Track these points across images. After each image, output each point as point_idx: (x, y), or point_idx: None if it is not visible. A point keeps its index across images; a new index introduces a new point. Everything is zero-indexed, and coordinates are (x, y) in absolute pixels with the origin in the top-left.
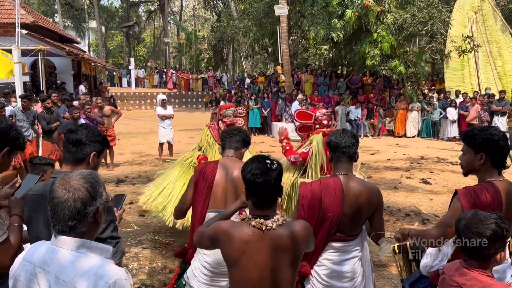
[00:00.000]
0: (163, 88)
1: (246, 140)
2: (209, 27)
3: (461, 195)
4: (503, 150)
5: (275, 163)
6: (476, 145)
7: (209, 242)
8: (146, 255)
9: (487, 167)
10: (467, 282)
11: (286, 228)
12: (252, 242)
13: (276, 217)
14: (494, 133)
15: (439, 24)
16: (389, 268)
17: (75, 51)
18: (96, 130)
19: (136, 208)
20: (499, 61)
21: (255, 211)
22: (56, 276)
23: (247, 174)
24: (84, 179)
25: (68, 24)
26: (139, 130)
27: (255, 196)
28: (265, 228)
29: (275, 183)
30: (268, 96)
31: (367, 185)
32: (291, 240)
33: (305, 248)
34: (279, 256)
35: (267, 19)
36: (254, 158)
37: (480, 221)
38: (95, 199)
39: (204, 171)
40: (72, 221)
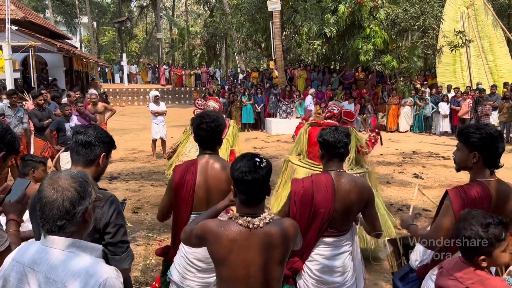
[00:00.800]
0: (156, 84)
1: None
2: (201, 22)
3: (452, 196)
4: (497, 150)
5: (264, 161)
6: (471, 143)
7: (197, 241)
8: (139, 252)
9: (479, 166)
10: (464, 276)
11: (273, 227)
12: (239, 241)
13: (263, 215)
14: (490, 133)
15: (431, 19)
16: (381, 262)
17: (66, 47)
18: (104, 131)
19: (129, 205)
20: (490, 56)
21: (242, 209)
22: (46, 276)
23: (236, 171)
24: (72, 178)
25: (59, 20)
26: (132, 126)
27: (243, 193)
28: (252, 226)
29: (263, 181)
30: (261, 92)
31: (358, 181)
32: (278, 238)
33: (293, 246)
34: (266, 254)
35: (260, 15)
36: (243, 155)
37: (472, 222)
38: (84, 199)
39: (184, 174)
40: (61, 220)
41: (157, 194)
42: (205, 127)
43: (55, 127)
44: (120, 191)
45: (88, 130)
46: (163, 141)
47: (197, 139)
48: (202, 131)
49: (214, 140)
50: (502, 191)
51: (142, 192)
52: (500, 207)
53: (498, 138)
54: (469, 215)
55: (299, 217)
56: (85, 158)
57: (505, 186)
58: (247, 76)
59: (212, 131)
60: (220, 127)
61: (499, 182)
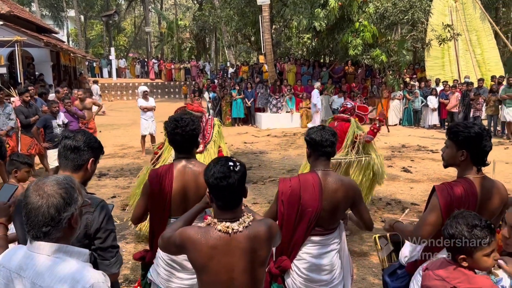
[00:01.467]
0: (145, 78)
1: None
2: (191, 15)
3: (438, 192)
4: (484, 149)
5: (238, 164)
6: (459, 141)
7: (175, 249)
8: (129, 249)
9: (467, 163)
10: (450, 275)
11: (253, 229)
12: (220, 247)
13: (242, 219)
14: (478, 132)
15: (419, 13)
16: (369, 257)
17: (53, 42)
18: (93, 136)
19: (118, 202)
20: (478, 49)
21: (220, 215)
22: (33, 282)
23: (210, 177)
24: (58, 184)
25: (46, 14)
26: (121, 121)
27: (220, 199)
28: (231, 231)
29: (239, 185)
30: (251, 87)
31: (344, 180)
32: (258, 241)
33: (273, 246)
34: (248, 257)
35: (249, 8)
36: (216, 160)
37: (459, 221)
38: (69, 205)
39: (160, 179)
40: (46, 227)
41: None
42: (180, 131)
43: (42, 124)
44: (109, 188)
45: (77, 135)
46: (152, 137)
47: (172, 144)
48: (177, 135)
49: (190, 144)
50: (488, 188)
51: (131, 188)
52: (486, 203)
53: (486, 137)
54: (460, 214)
55: (286, 217)
56: (74, 163)
57: (490, 183)
58: (237, 70)
59: (188, 135)
60: (196, 130)
61: (485, 179)
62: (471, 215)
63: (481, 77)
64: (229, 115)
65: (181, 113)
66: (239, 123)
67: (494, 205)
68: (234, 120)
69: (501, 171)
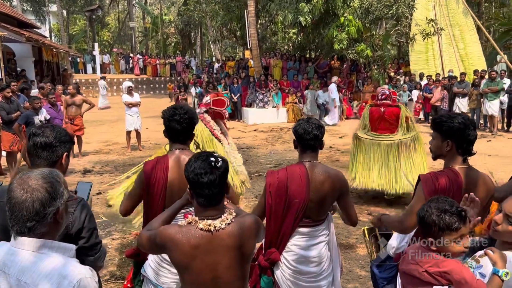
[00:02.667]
0: (130, 74)
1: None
2: (175, 10)
3: (423, 182)
4: (468, 138)
5: (219, 160)
6: (443, 132)
7: (155, 248)
8: (115, 246)
9: (453, 154)
10: (423, 260)
11: (235, 226)
12: (202, 245)
13: (224, 216)
14: (461, 122)
15: (404, 8)
16: (356, 250)
17: (35, 37)
18: (62, 129)
19: (104, 199)
20: (461, 43)
21: (201, 212)
22: (18, 279)
23: (191, 173)
24: (43, 178)
25: (27, 8)
26: (105, 117)
27: (201, 196)
28: (214, 229)
29: (220, 181)
30: (237, 82)
31: (331, 171)
32: (242, 238)
33: (256, 242)
34: (231, 255)
35: (235, 3)
36: (197, 156)
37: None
38: (55, 200)
39: (155, 171)
40: (31, 222)
41: None
42: (178, 118)
43: (24, 120)
44: (94, 184)
45: (46, 131)
46: (137, 133)
47: (169, 132)
48: (175, 122)
49: (186, 133)
50: (473, 178)
51: (117, 185)
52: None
53: (469, 126)
54: (434, 199)
55: (274, 208)
56: (47, 161)
57: (475, 173)
58: (223, 65)
59: (186, 123)
60: (193, 120)
61: (470, 169)
62: (445, 200)
63: (464, 71)
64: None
65: (180, 104)
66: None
67: (480, 196)
68: None
69: (484, 163)
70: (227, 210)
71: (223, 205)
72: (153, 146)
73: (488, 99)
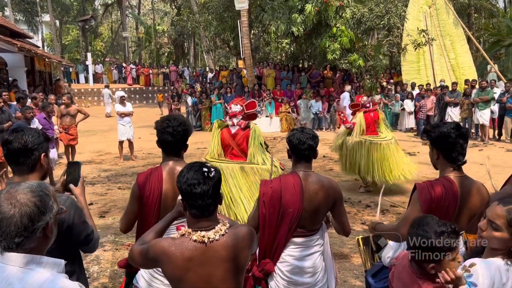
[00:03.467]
0: (123, 84)
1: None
2: (169, 21)
3: (419, 190)
4: (454, 147)
5: (212, 170)
6: (431, 141)
7: (148, 263)
8: (107, 257)
9: (442, 162)
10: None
11: (229, 237)
12: (196, 258)
13: (218, 227)
14: (444, 131)
15: (395, 18)
16: (350, 259)
17: (27, 47)
18: (34, 130)
19: (96, 209)
20: (452, 53)
21: (194, 224)
22: None
23: (183, 184)
24: (32, 192)
25: (20, 18)
26: (98, 127)
27: (194, 207)
28: (207, 240)
29: (213, 192)
30: (231, 91)
31: (325, 180)
32: (236, 249)
33: (250, 253)
34: (225, 266)
35: (228, 13)
36: (190, 166)
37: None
38: (44, 214)
39: (148, 183)
40: (19, 237)
41: (125, 197)
42: (171, 131)
43: None
44: (86, 195)
45: (18, 136)
46: (130, 143)
47: (162, 144)
48: (168, 135)
49: (180, 145)
50: (468, 187)
51: (109, 195)
52: (466, 203)
53: (453, 135)
54: (423, 221)
55: (268, 218)
56: (28, 166)
57: (470, 182)
58: (216, 75)
59: (179, 135)
60: (187, 131)
61: (465, 178)
62: (434, 221)
63: (455, 81)
64: (208, 120)
65: (174, 114)
66: None
67: (475, 205)
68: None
69: (476, 172)
70: (220, 221)
71: (216, 216)
72: (146, 156)
73: (479, 108)
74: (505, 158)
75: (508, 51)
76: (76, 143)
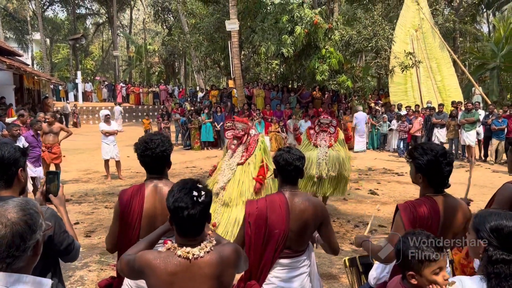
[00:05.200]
0: (112, 103)
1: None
2: (160, 40)
3: (402, 211)
4: (440, 175)
5: (202, 194)
6: (415, 165)
7: (133, 273)
8: (92, 278)
9: (425, 185)
10: None
11: (214, 254)
12: (180, 273)
13: (203, 243)
14: (431, 159)
15: (383, 41)
16: (339, 280)
17: (16, 65)
18: (10, 146)
19: (82, 229)
20: (438, 76)
21: (181, 239)
22: None
23: (172, 204)
24: (22, 211)
25: (10, 36)
26: (86, 146)
27: (179, 227)
28: (192, 257)
29: (200, 216)
30: (221, 110)
31: (312, 200)
32: (221, 267)
33: (236, 272)
34: (209, 284)
35: (218, 34)
36: (182, 186)
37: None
38: (35, 232)
39: (130, 200)
40: (10, 258)
41: (111, 216)
42: (150, 153)
43: None
44: (72, 214)
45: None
46: (117, 162)
47: (143, 165)
48: (147, 158)
49: (161, 164)
50: (451, 206)
51: (95, 214)
52: (449, 221)
53: (440, 163)
54: (410, 232)
55: (254, 239)
56: (6, 181)
57: (453, 201)
58: (206, 95)
59: (158, 157)
60: (167, 151)
61: (448, 197)
62: (420, 233)
63: (442, 103)
64: (197, 139)
65: (152, 134)
66: (208, 147)
67: (458, 223)
68: (203, 144)
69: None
70: (207, 238)
71: (204, 233)
72: (134, 175)
73: (465, 129)
74: (491, 179)
75: (492, 74)
76: (60, 161)
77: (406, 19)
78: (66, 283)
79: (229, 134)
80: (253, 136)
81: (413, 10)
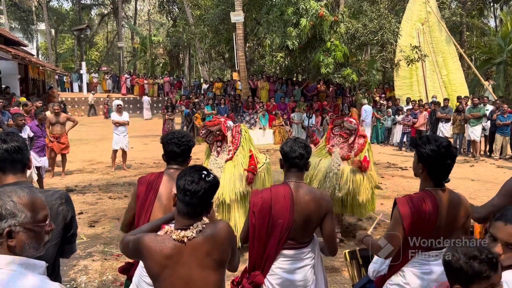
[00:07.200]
0: (117, 93)
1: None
2: (164, 32)
3: (400, 205)
4: (442, 168)
5: (211, 175)
6: (418, 155)
7: (132, 253)
8: (96, 268)
9: (425, 177)
10: None
11: (206, 233)
12: (174, 256)
13: (195, 223)
14: (433, 149)
15: (389, 34)
16: (342, 273)
17: (21, 54)
18: (15, 133)
19: (86, 219)
20: (444, 70)
21: (179, 222)
22: None
23: (180, 180)
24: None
25: (15, 26)
26: (90, 136)
27: (182, 202)
28: (186, 239)
29: (204, 194)
30: (224, 102)
31: (316, 192)
32: (212, 244)
33: (229, 250)
34: (203, 264)
35: (223, 26)
36: (193, 166)
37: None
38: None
39: (148, 183)
40: None
41: (115, 207)
42: (177, 141)
43: None
44: (76, 204)
45: (8, 138)
46: (124, 152)
47: (168, 154)
48: (173, 145)
49: (184, 156)
50: (453, 200)
51: (99, 205)
52: (448, 214)
53: (442, 155)
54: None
55: (258, 229)
56: (22, 164)
57: (455, 196)
58: (210, 86)
59: (183, 145)
60: (191, 142)
61: (449, 192)
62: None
63: (447, 97)
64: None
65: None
66: None
67: (460, 217)
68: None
69: (467, 187)
70: (204, 219)
71: (201, 218)
72: (138, 166)
73: (470, 124)
74: (495, 175)
75: (499, 69)
76: (68, 152)
77: (413, 13)
78: (70, 272)
79: (210, 139)
80: (235, 127)
81: (420, 4)
